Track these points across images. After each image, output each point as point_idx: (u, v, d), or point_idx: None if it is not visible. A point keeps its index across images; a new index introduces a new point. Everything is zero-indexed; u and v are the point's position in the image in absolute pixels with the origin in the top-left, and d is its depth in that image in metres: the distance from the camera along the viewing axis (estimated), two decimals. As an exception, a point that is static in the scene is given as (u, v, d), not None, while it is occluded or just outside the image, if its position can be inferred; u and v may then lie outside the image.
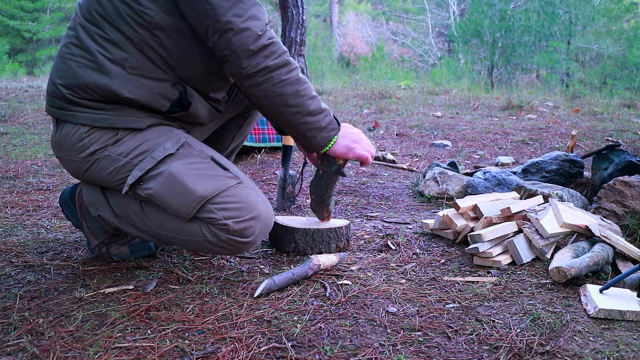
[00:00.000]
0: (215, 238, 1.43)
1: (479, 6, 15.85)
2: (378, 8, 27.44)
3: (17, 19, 19.49)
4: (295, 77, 1.43)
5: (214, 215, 1.41)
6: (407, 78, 11.84)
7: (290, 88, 1.43)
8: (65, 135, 1.49)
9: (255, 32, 1.35)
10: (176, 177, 1.42)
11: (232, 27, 1.34)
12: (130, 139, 1.46)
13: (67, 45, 1.47)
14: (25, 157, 3.34)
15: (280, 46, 1.41)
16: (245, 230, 1.43)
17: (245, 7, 1.35)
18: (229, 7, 1.34)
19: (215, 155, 1.52)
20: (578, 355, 1.15)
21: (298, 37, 9.69)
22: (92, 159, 1.48)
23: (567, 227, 1.72)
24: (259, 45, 1.36)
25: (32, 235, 1.95)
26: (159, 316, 1.32)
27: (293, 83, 1.43)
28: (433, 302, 1.42)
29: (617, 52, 15.34)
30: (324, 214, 1.80)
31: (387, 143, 4.33)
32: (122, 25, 1.41)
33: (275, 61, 1.39)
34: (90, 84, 1.42)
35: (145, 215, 1.51)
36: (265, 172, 3.09)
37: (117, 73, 1.42)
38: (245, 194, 1.46)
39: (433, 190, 2.56)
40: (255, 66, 1.37)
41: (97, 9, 1.42)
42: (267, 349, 1.17)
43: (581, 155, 2.70)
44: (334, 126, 1.53)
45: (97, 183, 1.55)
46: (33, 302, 1.40)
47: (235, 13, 1.34)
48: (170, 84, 1.48)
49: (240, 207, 1.43)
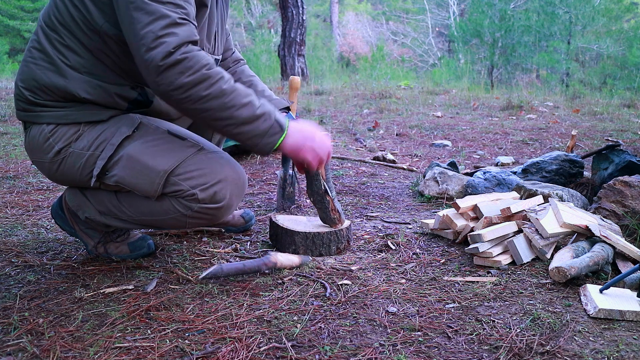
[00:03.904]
0: (189, 210, 1.45)
1: (479, 6, 15.85)
2: (378, 8, 27.43)
3: (17, 19, 19.49)
4: (218, 91, 1.35)
5: (180, 187, 1.43)
6: (407, 78, 11.83)
7: (213, 102, 1.35)
8: (33, 137, 1.52)
9: (167, 48, 1.29)
10: (135, 158, 1.44)
11: (144, 43, 1.29)
12: (90, 131, 1.49)
13: (29, 50, 1.51)
14: (25, 157, 3.34)
15: (199, 61, 1.33)
16: (215, 195, 1.44)
17: (162, 23, 1.30)
18: (147, 23, 1.30)
19: (172, 127, 1.53)
20: (578, 355, 1.15)
21: (298, 37, 9.71)
22: (58, 157, 1.51)
23: (567, 227, 1.72)
24: (170, 61, 1.29)
25: (32, 235, 1.95)
26: (159, 316, 1.32)
27: (216, 97, 1.35)
28: (433, 302, 1.42)
29: (617, 52, 15.35)
30: (333, 215, 1.75)
31: (387, 143, 4.33)
32: (77, 31, 1.43)
33: (192, 77, 1.32)
34: (49, 84, 1.45)
35: (122, 204, 1.54)
36: (265, 172, 3.09)
37: (74, 76, 1.45)
38: (207, 159, 1.46)
39: (433, 190, 2.56)
40: (170, 84, 1.31)
41: (56, 15, 1.45)
42: (267, 349, 1.17)
43: (581, 155, 2.70)
44: (276, 130, 1.45)
45: (71, 182, 1.58)
46: (33, 302, 1.40)
47: (150, 29, 1.29)
48: (129, 87, 1.51)
49: (205, 172, 1.44)
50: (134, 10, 1.30)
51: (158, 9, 1.30)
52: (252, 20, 22.27)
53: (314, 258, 1.72)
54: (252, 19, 22.45)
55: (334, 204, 1.75)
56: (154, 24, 1.30)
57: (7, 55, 17.45)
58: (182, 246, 1.84)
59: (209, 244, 1.87)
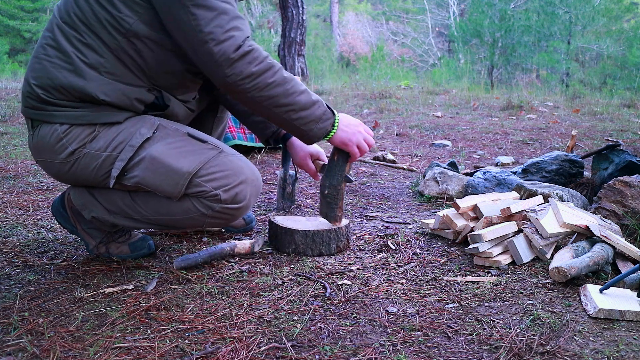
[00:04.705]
0: (209, 210, 1.48)
1: (479, 6, 15.85)
2: (378, 8, 27.44)
3: (17, 19, 19.49)
4: (282, 78, 1.45)
5: (203, 188, 1.46)
6: (407, 78, 11.83)
7: (278, 89, 1.45)
8: (43, 137, 1.49)
9: (237, 42, 1.38)
10: (158, 159, 1.45)
11: (213, 37, 1.36)
12: (106, 132, 1.48)
13: (43, 46, 1.49)
14: (25, 157, 3.34)
15: (262, 52, 1.43)
16: (237, 196, 1.49)
17: (227, 18, 1.38)
18: (212, 19, 1.36)
19: (191, 130, 1.56)
20: (578, 355, 1.15)
21: (298, 37, 9.71)
22: (72, 158, 1.49)
23: (567, 227, 1.72)
24: (241, 52, 1.38)
25: (32, 235, 1.95)
26: (159, 316, 1.32)
27: (280, 84, 1.45)
28: (433, 302, 1.42)
29: (617, 52, 15.35)
30: (337, 213, 1.77)
31: (387, 143, 4.33)
32: (100, 30, 1.42)
33: (259, 66, 1.41)
34: (66, 85, 1.43)
35: (137, 204, 1.54)
36: (265, 172, 3.09)
37: (93, 76, 1.44)
38: (228, 161, 1.51)
39: (433, 190, 2.56)
40: (240, 74, 1.39)
41: (77, 12, 1.44)
42: (267, 349, 1.17)
43: (581, 155, 2.70)
44: (329, 115, 1.56)
45: (83, 182, 1.56)
46: (33, 302, 1.40)
47: (217, 24, 1.36)
48: (146, 89, 1.51)
49: (227, 174, 1.48)
50: (193, 7, 1.35)
51: (218, 5, 1.38)
52: (252, 20, 22.26)
53: (313, 258, 1.72)
54: (252, 19, 22.45)
55: (342, 202, 1.77)
56: (218, 18, 1.37)
57: (7, 55, 17.45)
58: (182, 246, 1.84)
59: (209, 244, 1.87)
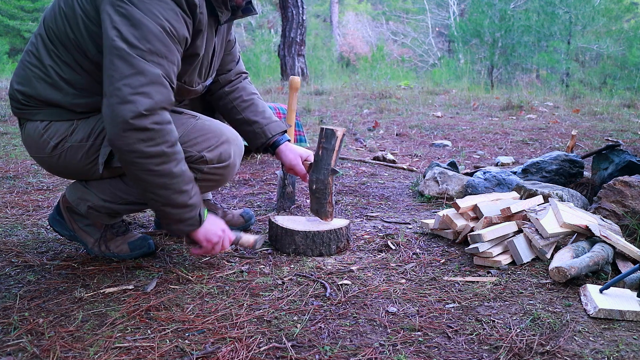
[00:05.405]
0: (198, 173, 1.52)
1: (479, 6, 15.85)
2: (378, 8, 27.44)
3: (17, 19, 19.49)
4: (167, 171, 1.36)
5: (189, 153, 1.49)
6: (407, 78, 11.84)
7: (157, 179, 1.37)
8: (28, 133, 1.55)
9: (138, 108, 1.28)
10: None
11: (119, 95, 1.28)
12: (85, 123, 1.51)
13: (27, 52, 1.52)
14: (25, 157, 3.34)
15: (166, 135, 1.33)
16: (222, 155, 1.54)
17: (142, 81, 1.29)
18: (126, 75, 1.28)
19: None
20: (578, 355, 1.15)
21: (298, 37, 9.71)
22: (56, 152, 1.53)
23: (567, 227, 1.72)
24: (138, 125, 1.29)
25: (32, 235, 1.95)
26: (159, 316, 1.32)
27: (162, 175, 1.36)
28: (433, 302, 1.42)
29: (617, 52, 15.35)
30: (328, 209, 1.79)
31: (387, 143, 4.33)
32: (73, 51, 1.44)
33: (151, 149, 1.32)
34: (43, 96, 1.48)
35: (130, 186, 1.58)
36: (265, 172, 3.09)
37: (69, 91, 1.47)
38: (207, 126, 1.55)
39: (433, 190, 2.56)
40: (128, 145, 1.30)
41: (54, 30, 1.45)
42: (267, 349, 1.17)
43: (581, 155, 2.70)
44: (194, 223, 1.48)
45: (75, 174, 1.61)
46: (33, 302, 1.40)
47: (128, 83, 1.28)
48: None
49: (209, 137, 1.53)
50: (117, 57, 1.28)
51: (139, 64, 1.29)
52: (252, 20, 22.26)
53: (313, 258, 1.72)
54: (252, 19, 22.44)
55: (332, 197, 1.79)
56: (132, 77, 1.28)
57: (7, 55, 17.45)
58: (182, 246, 1.84)
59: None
